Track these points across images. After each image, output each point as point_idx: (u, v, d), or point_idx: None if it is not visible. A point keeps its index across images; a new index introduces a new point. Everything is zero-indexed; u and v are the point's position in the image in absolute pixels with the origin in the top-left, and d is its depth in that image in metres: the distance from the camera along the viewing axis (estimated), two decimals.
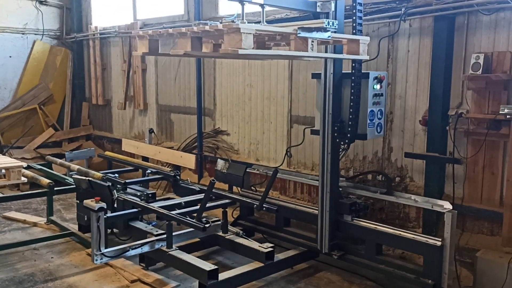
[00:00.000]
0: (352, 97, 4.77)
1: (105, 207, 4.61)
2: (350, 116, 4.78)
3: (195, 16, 7.81)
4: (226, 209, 5.37)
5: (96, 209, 4.48)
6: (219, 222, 5.28)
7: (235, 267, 4.97)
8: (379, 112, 4.95)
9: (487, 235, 5.10)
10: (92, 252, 4.56)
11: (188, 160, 6.73)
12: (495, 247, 4.90)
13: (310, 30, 3.63)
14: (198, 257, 4.91)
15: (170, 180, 6.39)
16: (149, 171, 6.49)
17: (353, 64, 4.75)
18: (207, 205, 5.12)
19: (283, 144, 6.87)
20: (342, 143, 4.88)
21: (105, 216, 4.62)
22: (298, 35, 3.57)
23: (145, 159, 7.75)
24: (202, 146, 7.93)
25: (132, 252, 4.79)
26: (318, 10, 4.58)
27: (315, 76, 5.18)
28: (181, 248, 4.97)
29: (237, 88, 7.46)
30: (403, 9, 5.23)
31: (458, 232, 5.10)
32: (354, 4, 4.66)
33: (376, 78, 4.86)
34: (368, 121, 4.83)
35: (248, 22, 3.46)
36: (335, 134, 4.87)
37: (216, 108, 7.85)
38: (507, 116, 4.54)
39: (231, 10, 7.48)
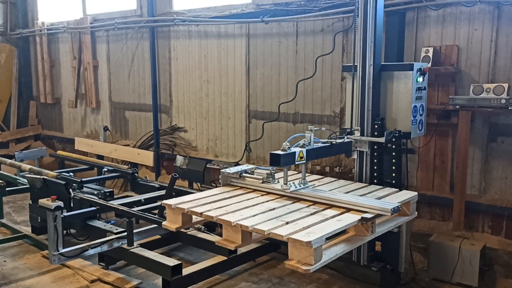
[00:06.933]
0: None
1: (62, 206, 4.46)
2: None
3: (148, 11, 7.69)
4: None
5: (52, 208, 4.32)
6: None
7: (197, 263, 4.95)
8: (421, 108, 4.52)
9: (439, 220, 5.35)
10: (49, 252, 4.40)
11: (146, 157, 6.62)
12: (447, 232, 5.16)
13: (373, 217, 3.57)
14: (160, 254, 4.86)
15: (128, 178, 6.27)
16: (105, 169, 6.34)
17: None
18: None
19: (241, 140, 6.89)
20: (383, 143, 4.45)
21: (62, 215, 4.47)
22: (362, 224, 3.51)
23: (99, 158, 7.55)
24: (159, 143, 7.83)
25: (91, 252, 4.66)
26: None
27: (347, 69, 4.64)
28: (142, 245, 4.89)
29: (194, 84, 7.42)
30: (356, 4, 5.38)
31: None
32: None
33: (419, 70, 4.40)
34: (412, 118, 4.41)
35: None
36: (375, 134, 4.44)
37: (172, 105, 7.77)
38: (456, 107, 4.78)
39: (185, 5, 7.44)
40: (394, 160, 4.50)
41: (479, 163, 5.04)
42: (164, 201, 3.96)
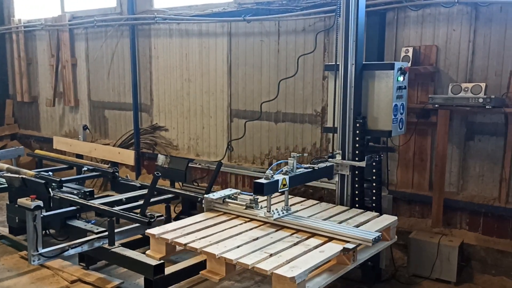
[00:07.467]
0: None
1: (42, 205, 4.39)
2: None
3: (128, 9, 7.61)
4: (169, 204, 5.30)
5: (32, 207, 4.25)
6: (162, 218, 5.20)
7: (179, 262, 4.92)
8: (401, 107, 4.60)
9: (418, 218, 5.44)
10: (28, 253, 4.33)
11: (127, 157, 6.55)
12: (426, 229, 5.25)
13: (355, 247, 3.63)
14: (141, 253, 4.80)
15: (109, 177, 6.19)
16: (85, 168, 6.25)
17: None
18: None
19: (223, 139, 6.88)
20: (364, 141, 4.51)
21: (41, 215, 4.39)
22: (344, 254, 3.57)
23: (78, 157, 7.43)
24: (139, 142, 7.76)
25: (71, 252, 4.60)
26: None
27: (329, 68, 4.74)
28: (123, 245, 4.84)
29: (175, 83, 7.37)
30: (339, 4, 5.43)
31: None
32: None
33: (400, 69, 4.47)
34: (393, 117, 4.48)
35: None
36: (357, 132, 4.50)
37: (153, 104, 7.70)
38: (435, 106, 4.87)
39: (166, 3, 7.39)
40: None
41: (457, 161, 5.15)
42: (148, 231, 3.94)
